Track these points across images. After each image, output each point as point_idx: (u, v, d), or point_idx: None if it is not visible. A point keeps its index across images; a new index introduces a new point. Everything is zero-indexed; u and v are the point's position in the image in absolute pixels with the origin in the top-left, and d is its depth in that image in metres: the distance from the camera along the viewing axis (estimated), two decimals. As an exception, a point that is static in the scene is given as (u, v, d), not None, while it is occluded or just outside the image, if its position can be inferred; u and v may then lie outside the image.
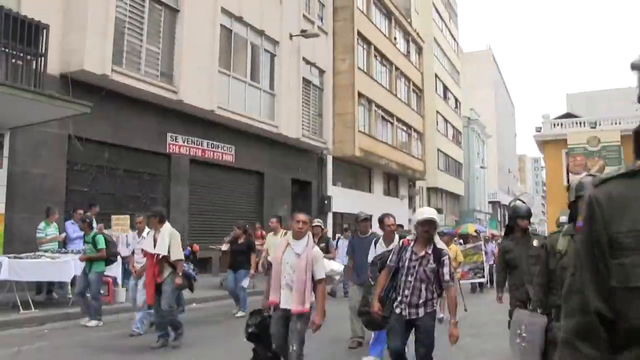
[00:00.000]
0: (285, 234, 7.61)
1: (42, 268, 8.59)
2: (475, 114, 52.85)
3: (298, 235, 4.73)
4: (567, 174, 30.09)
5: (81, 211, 10.79)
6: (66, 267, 8.76)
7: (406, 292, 4.40)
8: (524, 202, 5.99)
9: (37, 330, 7.68)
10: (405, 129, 31.15)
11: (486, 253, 15.09)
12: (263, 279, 8.28)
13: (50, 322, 8.15)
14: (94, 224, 9.47)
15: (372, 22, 26.32)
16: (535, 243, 5.55)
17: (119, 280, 9.88)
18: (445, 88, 43.19)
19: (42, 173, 11.12)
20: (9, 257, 8.45)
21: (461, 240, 19.78)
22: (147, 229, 7.73)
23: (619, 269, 1.11)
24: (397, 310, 4.41)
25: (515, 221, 5.64)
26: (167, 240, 6.59)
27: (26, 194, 10.75)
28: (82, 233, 10.60)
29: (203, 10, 14.82)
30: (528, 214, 5.71)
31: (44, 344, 6.80)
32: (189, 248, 11.73)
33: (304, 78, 20.05)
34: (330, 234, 20.72)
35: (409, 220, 32.87)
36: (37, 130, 10.81)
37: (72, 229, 10.52)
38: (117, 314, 9.11)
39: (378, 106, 26.54)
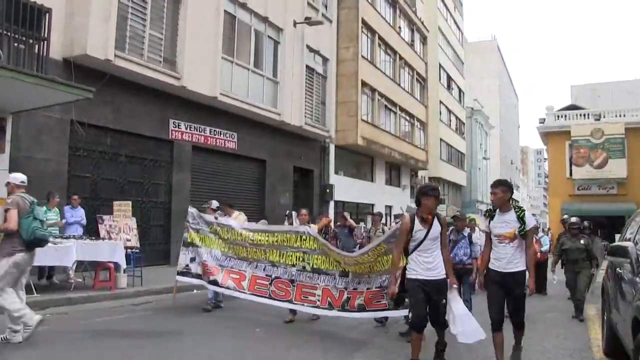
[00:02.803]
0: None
1: (45, 253, 8.58)
2: (479, 105, 52.66)
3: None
4: (570, 165, 30.05)
5: (76, 197, 10.81)
6: (68, 252, 8.79)
7: None
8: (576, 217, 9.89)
9: (39, 314, 7.70)
10: (408, 118, 31.06)
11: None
12: None
13: (52, 306, 8.18)
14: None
15: (377, 11, 26.14)
16: (582, 241, 8.78)
17: (123, 266, 9.88)
18: (449, 78, 43.01)
19: (44, 158, 11.11)
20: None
21: None
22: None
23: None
24: None
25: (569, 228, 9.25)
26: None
27: (29, 179, 10.72)
28: (80, 218, 10.66)
29: (207, -4, 14.71)
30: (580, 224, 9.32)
31: (46, 328, 6.82)
32: None
33: (307, 66, 19.95)
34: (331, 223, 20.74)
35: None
36: (40, 114, 10.79)
37: (70, 213, 10.54)
38: (118, 299, 9.14)
39: (381, 95, 26.44)
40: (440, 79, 39.78)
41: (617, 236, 9.65)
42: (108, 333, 6.56)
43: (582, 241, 8.86)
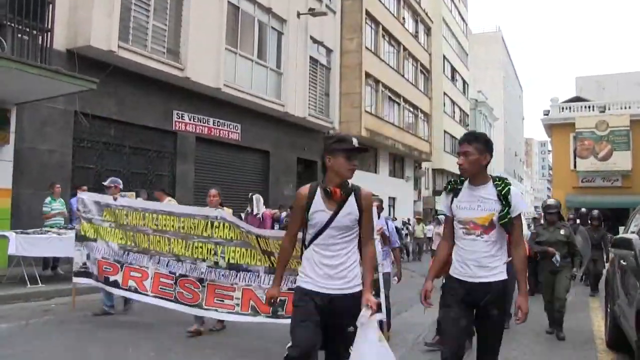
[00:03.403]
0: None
1: (49, 243, 8.66)
2: (483, 96, 52.46)
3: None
4: (575, 158, 29.94)
5: (85, 188, 10.82)
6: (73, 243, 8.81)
7: None
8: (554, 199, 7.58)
9: (44, 304, 7.77)
10: (412, 110, 30.96)
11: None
12: None
13: (57, 296, 8.23)
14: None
15: (381, 2, 26.00)
16: (562, 232, 6.80)
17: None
18: (453, 69, 42.82)
19: (48, 149, 11.14)
20: (16, 233, 8.51)
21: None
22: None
23: None
24: None
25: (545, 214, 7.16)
26: None
27: (33, 170, 10.78)
28: None
29: (210, -13, 14.65)
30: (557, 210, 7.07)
31: (50, 318, 6.88)
32: None
33: (311, 57, 19.88)
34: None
35: (414, 202, 32.91)
36: (44, 106, 10.80)
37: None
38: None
39: (385, 87, 26.35)
40: (444, 71, 39.61)
41: (622, 229, 9.45)
42: (114, 324, 6.60)
43: (562, 231, 6.83)
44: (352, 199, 3.07)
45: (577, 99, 33.32)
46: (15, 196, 10.36)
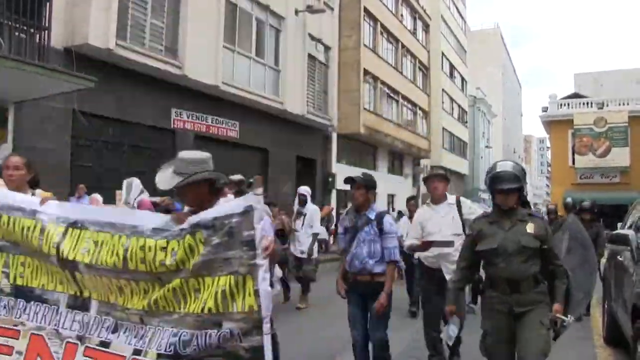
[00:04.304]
0: None
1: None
2: (482, 93, 52.47)
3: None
4: (573, 154, 29.99)
5: (82, 186, 10.85)
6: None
7: None
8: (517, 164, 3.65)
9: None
10: (410, 107, 30.98)
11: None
12: None
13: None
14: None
15: (379, -2, 26.00)
16: (530, 229, 3.41)
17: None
18: (452, 66, 42.83)
19: (47, 148, 11.11)
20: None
21: None
22: None
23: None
24: None
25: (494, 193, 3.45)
26: None
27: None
28: None
29: (208, -16, 14.63)
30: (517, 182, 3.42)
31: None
32: None
33: (309, 54, 19.86)
34: (334, 211, 20.78)
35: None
36: (42, 104, 10.78)
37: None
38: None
39: (384, 84, 26.36)
40: (442, 68, 39.61)
41: (620, 225, 8.96)
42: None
43: (529, 228, 3.41)
44: None
45: (576, 96, 33.40)
46: (14, 195, 10.35)
